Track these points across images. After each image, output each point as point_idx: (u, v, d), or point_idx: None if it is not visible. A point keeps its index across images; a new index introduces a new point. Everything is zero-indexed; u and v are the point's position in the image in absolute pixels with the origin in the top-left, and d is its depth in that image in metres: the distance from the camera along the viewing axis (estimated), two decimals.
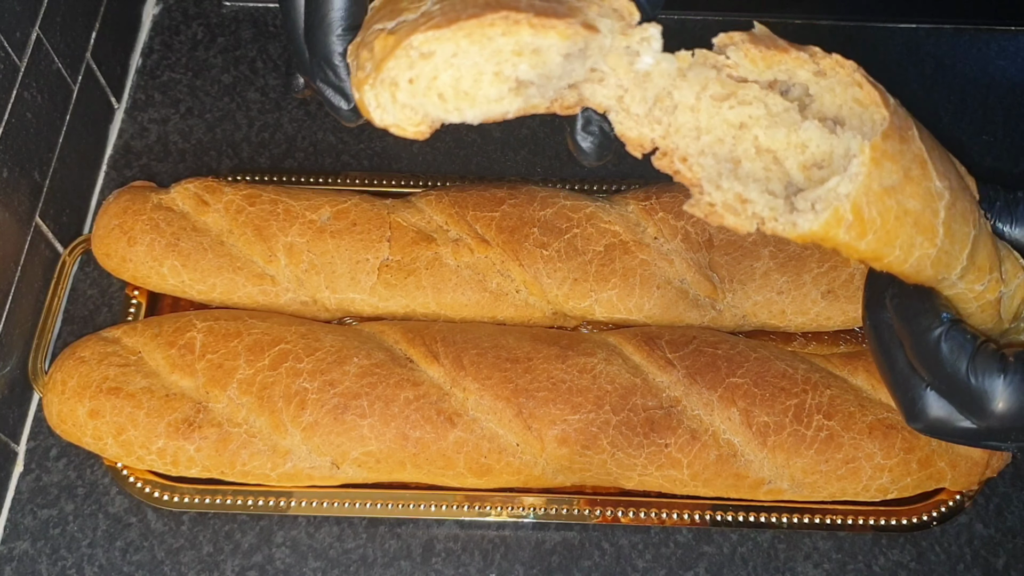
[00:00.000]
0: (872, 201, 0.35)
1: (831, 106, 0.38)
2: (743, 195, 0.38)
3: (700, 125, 0.39)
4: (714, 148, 0.39)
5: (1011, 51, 0.81)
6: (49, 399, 0.59)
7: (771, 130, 0.38)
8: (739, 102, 0.38)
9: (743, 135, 0.38)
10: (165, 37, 0.81)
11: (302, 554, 0.60)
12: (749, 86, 0.38)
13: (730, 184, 0.38)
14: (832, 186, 0.35)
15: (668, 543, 0.60)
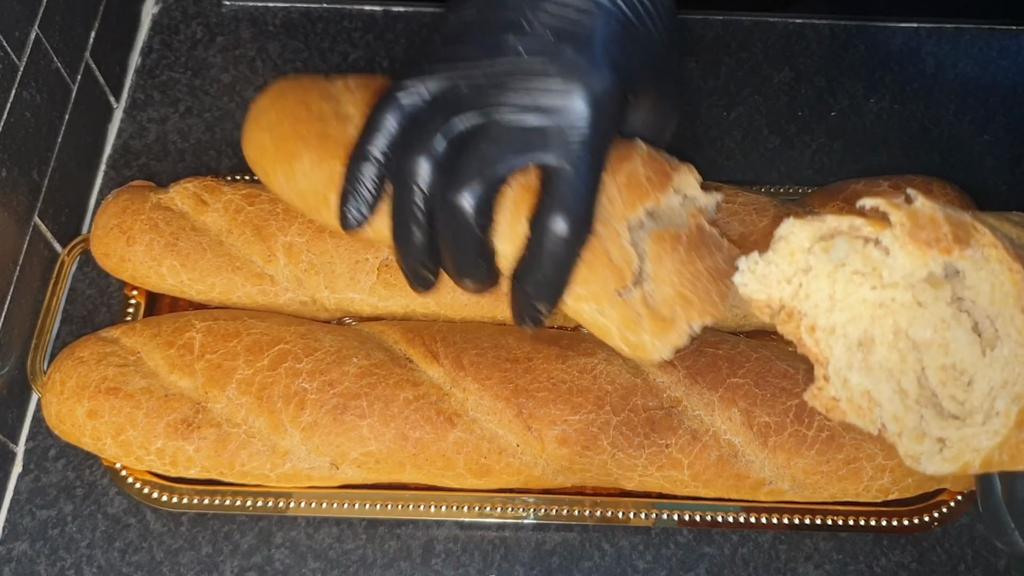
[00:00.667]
0: (1007, 450, 0.33)
1: (982, 292, 0.34)
2: (872, 394, 0.36)
3: (835, 295, 0.36)
4: (847, 328, 0.35)
5: (1012, 51, 0.81)
6: (48, 399, 0.59)
7: (915, 321, 0.34)
8: (883, 284, 0.35)
9: (882, 317, 0.35)
10: (164, 36, 0.81)
11: (301, 555, 0.59)
12: (896, 265, 0.35)
13: (860, 379, 0.36)
14: (968, 435, 0.33)
15: (669, 544, 0.60)
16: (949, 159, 0.76)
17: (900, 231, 0.34)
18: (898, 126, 0.77)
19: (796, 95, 0.79)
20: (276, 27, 0.81)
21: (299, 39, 0.81)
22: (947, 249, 0.33)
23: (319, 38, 0.81)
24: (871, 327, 0.35)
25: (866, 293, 0.35)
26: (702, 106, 0.78)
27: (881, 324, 0.35)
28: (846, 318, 0.35)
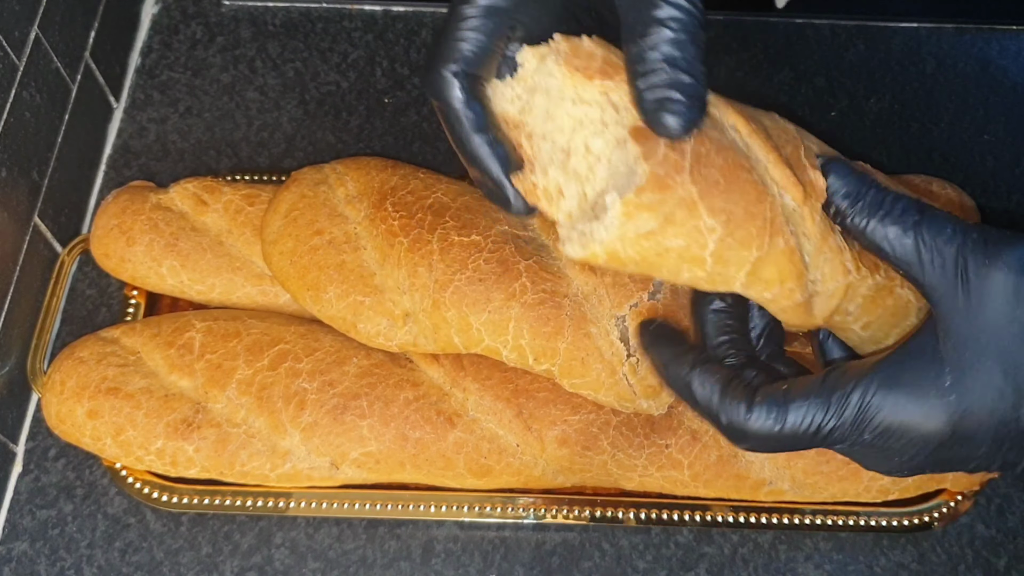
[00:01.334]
0: (628, 244, 0.38)
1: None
2: (563, 188, 0.41)
3: (549, 110, 0.41)
4: (554, 136, 0.41)
5: (1013, 51, 0.81)
6: (48, 399, 0.59)
7: (595, 137, 0.40)
8: (582, 101, 0.40)
9: (579, 132, 0.40)
10: (164, 36, 0.81)
11: (301, 555, 0.59)
12: (594, 86, 0.40)
13: (556, 174, 0.41)
14: (592, 229, 0.38)
15: (669, 544, 0.60)
16: (949, 159, 0.76)
17: (558, 56, 0.40)
18: (898, 126, 0.77)
19: (796, 95, 0.79)
20: (276, 27, 0.81)
21: (299, 39, 0.81)
22: (590, 76, 0.39)
23: (319, 38, 0.81)
24: (571, 137, 0.41)
25: (569, 108, 0.40)
26: None
27: (577, 136, 0.41)
28: (554, 128, 0.41)
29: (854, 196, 0.40)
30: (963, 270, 0.37)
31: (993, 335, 0.37)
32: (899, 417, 0.38)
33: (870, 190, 0.40)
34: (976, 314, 0.37)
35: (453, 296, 0.54)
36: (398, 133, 0.76)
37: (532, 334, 0.53)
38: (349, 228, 0.58)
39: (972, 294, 0.37)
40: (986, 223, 0.66)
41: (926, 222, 0.38)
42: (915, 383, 0.38)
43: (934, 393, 0.38)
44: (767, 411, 0.40)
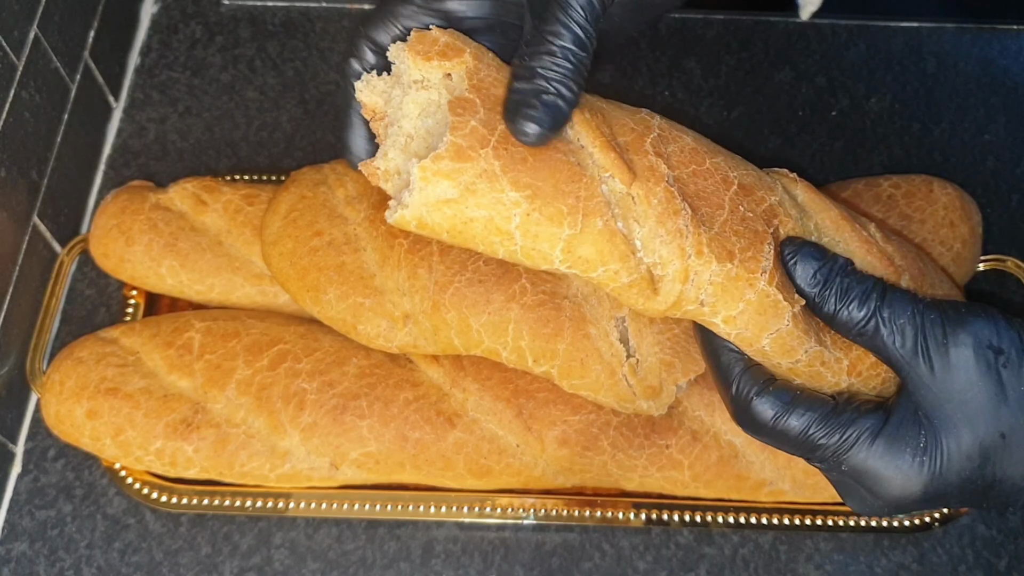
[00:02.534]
0: (432, 211, 0.40)
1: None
2: (400, 170, 0.44)
3: (403, 99, 0.43)
4: (402, 122, 0.43)
5: (1013, 50, 0.81)
6: (47, 399, 0.59)
7: (429, 117, 0.43)
8: (425, 85, 0.43)
9: (422, 117, 0.43)
10: (163, 36, 0.80)
11: (301, 556, 0.59)
12: (432, 66, 0.43)
13: (395, 155, 0.44)
14: (402, 197, 0.41)
15: (669, 544, 0.60)
16: (949, 159, 0.76)
17: (406, 44, 0.43)
18: (898, 126, 0.77)
19: (796, 95, 0.79)
20: (275, 26, 0.81)
21: (298, 38, 0.80)
22: (428, 58, 0.42)
23: (318, 37, 0.81)
24: (416, 123, 0.43)
25: (415, 95, 0.43)
26: (703, 106, 0.78)
27: (420, 121, 0.43)
28: (402, 115, 0.43)
29: (823, 286, 0.43)
30: (924, 350, 0.41)
31: (958, 404, 0.41)
32: (875, 464, 0.42)
33: (836, 277, 0.43)
34: (941, 388, 0.41)
35: (453, 298, 0.54)
36: None
37: (532, 335, 0.53)
38: (349, 229, 0.58)
39: (936, 371, 0.41)
40: (986, 223, 0.66)
41: (887, 305, 0.42)
42: (896, 439, 0.42)
43: (909, 451, 0.42)
44: (774, 401, 0.43)
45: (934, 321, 0.41)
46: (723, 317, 0.43)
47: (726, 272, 0.43)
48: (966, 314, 0.42)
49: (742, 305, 0.43)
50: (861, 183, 0.64)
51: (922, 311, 0.42)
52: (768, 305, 0.43)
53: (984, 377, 0.41)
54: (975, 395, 0.41)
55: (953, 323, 0.41)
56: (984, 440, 0.41)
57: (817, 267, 0.43)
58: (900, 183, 0.63)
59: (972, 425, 0.41)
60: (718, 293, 0.43)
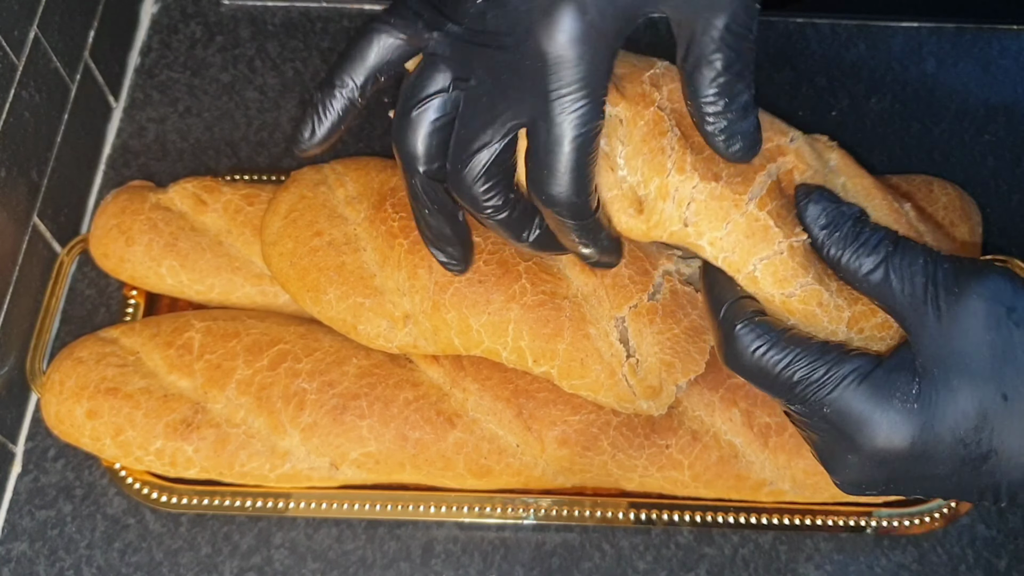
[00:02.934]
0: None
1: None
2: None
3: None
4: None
5: (1013, 50, 0.81)
6: (47, 399, 0.59)
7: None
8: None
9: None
10: (163, 36, 0.80)
11: (301, 555, 0.59)
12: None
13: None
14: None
15: (669, 544, 0.60)
16: (949, 159, 0.76)
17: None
18: (898, 126, 0.77)
19: (796, 95, 0.79)
20: (275, 27, 0.81)
21: (299, 39, 0.80)
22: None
23: (319, 38, 0.81)
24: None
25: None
26: None
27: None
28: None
29: (831, 228, 0.42)
30: (933, 297, 0.39)
31: (962, 358, 0.39)
32: (860, 407, 0.40)
33: (847, 222, 0.42)
34: (946, 338, 0.39)
35: (453, 298, 0.54)
36: None
37: (532, 336, 0.53)
38: (349, 229, 0.58)
39: (943, 319, 0.39)
40: (986, 223, 0.66)
41: (899, 253, 0.40)
42: (886, 383, 0.40)
43: (899, 397, 0.39)
44: (762, 332, 0.42)
45: (947, 271, 0.40)
46: (708, 239, 0.43)
47: (710, 190, 0.42)
48: (983, 268, 0.40)
49: (728, 226, 0.42)
50: None
51: (936, 260, 0.40)
52: (756, 229, 0.42)
53: (993, 332, 0.38)
54: (981, 349, 0.38)
55: (968, 274, 0.39)
56: (984, 398, 0.38)
57: (826, 208, 0.42)
58: (900, 183, 0.63)
59: (973, 380, 0.38)
60: (701, 212, 0.42)
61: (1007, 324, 0.38)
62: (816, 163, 0.46)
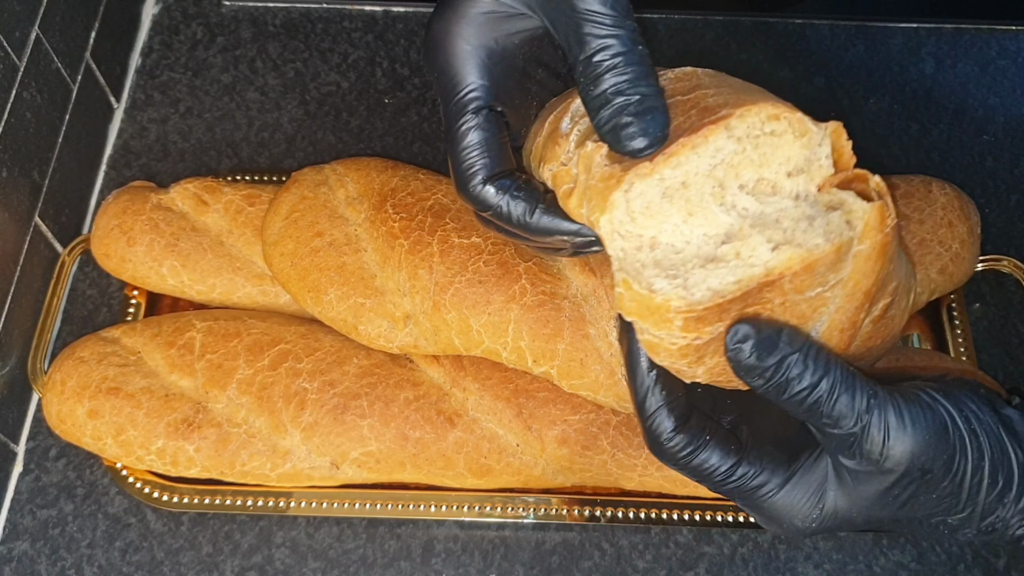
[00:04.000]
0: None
1: None
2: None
3: None
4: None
5: (1012, 51, 0.81)
6: (48, 399, 0.59)
7: None
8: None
9: None
10: (164, 37, 0.81)
11: (302, 554, 0.59)
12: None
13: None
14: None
15: (668, 543, 0.60)
16: (947, 159, 0.76)
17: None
18: (897, 126, 0.77)
19: (796, 95, 0.79)
20: (276, 27, 0.81)
21: (299, 39, 0.81)
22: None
23: (319, 38, 0.81)
24: None
25: None
26: None
27: None
28: None
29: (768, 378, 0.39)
30: (856, 455, 0.40)
31: (866, 503, 0.41)
32: (772, 513, 0.43)
33: (783, 360, 0.39)
34: (856, 485, 0.41)
35: (453, 298, 0.54)
36: (398, 133, 0.76)
37: (531, 336, 0.53)
38: (350, 230, 0.58)
39: (857, 475, 0.41)
40: (985, 223, 0.66)
41: (830, 400, 0.39)
42: (795, 502, 0.42)
43: (804, 513, 0.42)
44: (686, 442, 0.42)
45: (873, 430, 0.39)
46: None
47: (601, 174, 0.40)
48: (912, 431, 0.39)
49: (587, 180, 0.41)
50: None
51: (868, 417, 0.39)
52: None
53: (902, 490, 0.40)
54: (883, 499, 0.41)
55: (898, 435, 0.39)
56: (873, 523, 0.43)
57: (760, 367, 0.38)
58: (899, 183, 0.63)
59: (868, 512, 0.42)
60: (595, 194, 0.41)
61: (918, 486, 0.40)
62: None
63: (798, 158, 0.40)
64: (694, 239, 0.39)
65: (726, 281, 0.37)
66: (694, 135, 0.38)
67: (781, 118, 0.39)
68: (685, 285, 0.37)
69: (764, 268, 0.37)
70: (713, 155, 0.38)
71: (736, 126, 0.38)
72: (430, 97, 0.78)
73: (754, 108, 0.38)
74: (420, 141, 0.76)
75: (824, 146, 0.40)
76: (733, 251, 0.38)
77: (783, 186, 0.39)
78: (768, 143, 0.39)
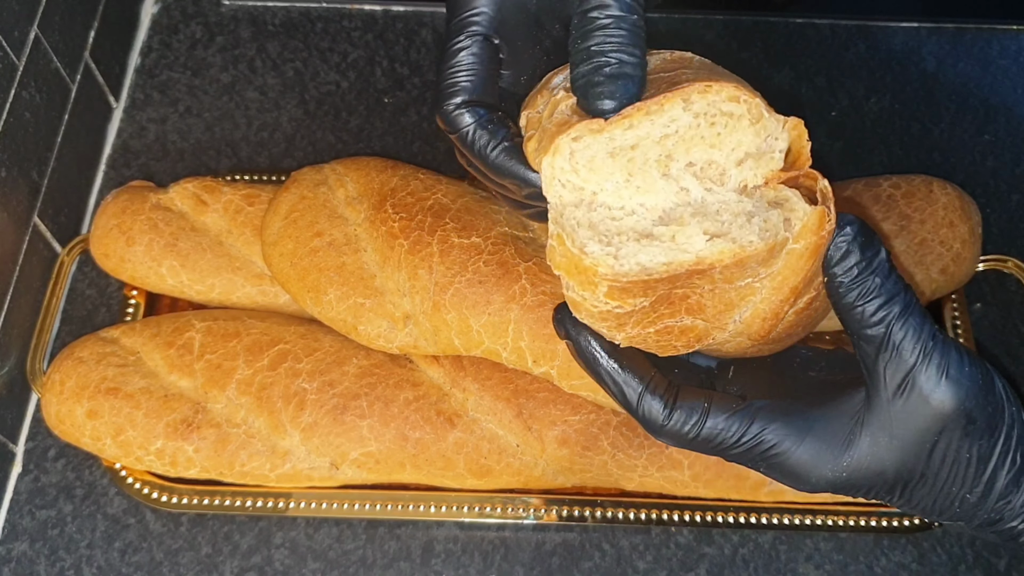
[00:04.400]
0: None
1: None
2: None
3: None
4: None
5: (1013, 50, 0.81)
6: (47, 399, 0.59)
7: None
8: None
9: None
10: (164, 36, 0.81)
11: (301, 555, 0.59)
12: None
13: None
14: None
15: (669, 544, 0.60)
16: (949, 159, 0.76)
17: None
18: (898, 126, 0.77)
19: (797, 95, 0.79)
20: (276, 27, 0.81)
21: (299, 39, 0.81)
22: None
23: (319, 38, 0.81)
24: None
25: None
26: None
27: None
28: None
29: (857, 278, 0.39)
30: (906, 389, 0.39)
31: (899, 439, 0.40)
32: (794, 467, 0.41)
33: (872, 274, 0.39)
34: (897, 424, 0.40)
35: (453, 298, 0.54)
36: (398, 133, 0.76)
37: (531, 336, 0.53)
38: (349, 230, 0.58)
39: (903, 410, 0.40)
40: (986, 223, 0.66)
41: (902, 319, 0.39)
42: (818, 452, 0.41)
43: (830, 464, 0.41)
44: (686, 416, 0.42)
45: (929, 367, 0.39)
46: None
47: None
48: (957, 379, 0.39)
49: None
50: (861, 183, 0.64)
51: (926, 350, 0.39)
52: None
53: (941, 436, 0.40)
54: (918, 447, 0.40)
55: (940, 381, 0.39)
56: (903, 473, 0.41)
57: (856, 260, 0.39)
58: (900, 183, 0.63)
59: (902, 458, 0.40)
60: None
61: (959, 434, 0.40)
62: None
63: (749, 145, 0.40)
64: (633, 208, 0.39)
65: (656, 260, 0.37)
66: (650, 101, 0.38)
67: (740, 100, 0.39)
68: (616, 255, 0.38)
69: (695, 256, 0.37)
70: (667, 124, 0.39)
71: (695, 100, 0.38)
72: (430, 97, 0.78)
73: (715, 86, 0.38)
74: (420, 141, 0.76)
75: (780, 140, 0.41)
76: (669, 233, 0.38)
77: (730, 174, 0.40)
78: (724, 124, 0.39)
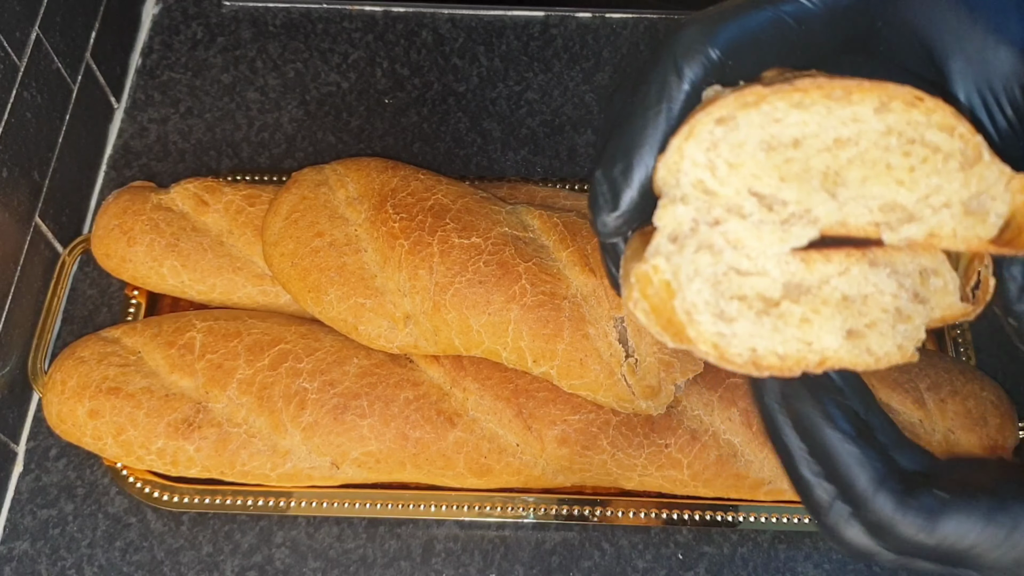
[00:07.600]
0: None
1: None
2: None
3: None
4: None
5: None
6: (49, 399, 0.59)
7: None
8: None
9: None
10: (165, 37, 0.81)
11: (302, 554, 0.60)
12: None
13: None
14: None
15: (668, 543, 0.60)
16: None
17: None
18: None
19: None
20: (276, 27, 0.81)
21: (299, 39, 0.81)
22: None
23: (319, 38, 0.81)
24: None
25: None
26: None
27: None
28: None
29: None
30: None
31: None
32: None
33: None
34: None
35: (453, 298, 0.54)
36: (398, 133, 0.76)
37: (531, 336, 0.53)
38: (350, 230, 0.58)
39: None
40: None
41: None
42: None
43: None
44: (923, 515, 0.29)
45: None
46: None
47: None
48: None
49: None
50: None
51: None
52: None
53: None
54: None
55: None
56: None
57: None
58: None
59: None
60: None
61: None
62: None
63: (951, 197, 0.28)
64: (769, 258, 0.28)
65: (771, 350, 0.28)
66: (835, 80, 0.28)
67: (956, 133, 0.28)
68: (727, 332, 0.28)
69: (820, 357, 0.28)
70: (847, 124, 0.28)
71: (895, 108, 0.28)
72: (430, 97, 0.78)
73: (929, 101, 0.28)
74: (420, 141, 0.76)
75: (999, 202, 0.29)
76: (800, 314, 0.28)
77: (915, 227, 0.29)
78: (921, 158, 0.28)
